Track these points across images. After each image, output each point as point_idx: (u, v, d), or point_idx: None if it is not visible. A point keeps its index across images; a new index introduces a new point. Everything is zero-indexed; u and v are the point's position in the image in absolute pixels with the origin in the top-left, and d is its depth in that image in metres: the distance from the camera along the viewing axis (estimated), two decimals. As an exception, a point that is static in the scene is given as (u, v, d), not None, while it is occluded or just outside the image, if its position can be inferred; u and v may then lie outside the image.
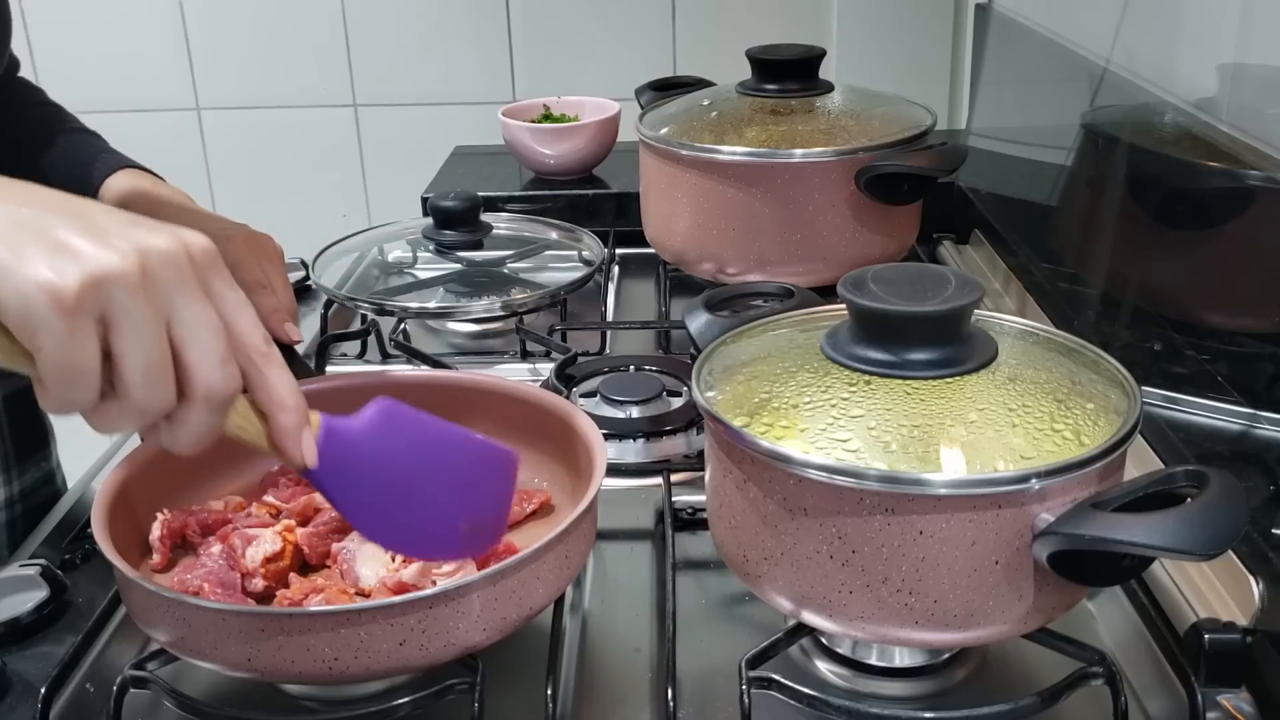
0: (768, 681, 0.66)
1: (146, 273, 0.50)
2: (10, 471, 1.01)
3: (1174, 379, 0.87)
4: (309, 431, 0.58)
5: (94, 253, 0.49)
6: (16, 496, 1.01)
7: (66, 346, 0.48)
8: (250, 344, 0.54)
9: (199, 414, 0.52)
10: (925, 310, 0.65)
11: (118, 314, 0.49)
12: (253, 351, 0.54)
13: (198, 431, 0.53)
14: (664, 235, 1.22)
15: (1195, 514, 0.56)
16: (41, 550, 0.83)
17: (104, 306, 0.49)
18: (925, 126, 1.15)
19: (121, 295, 0.49)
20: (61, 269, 0.48)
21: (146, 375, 0.50)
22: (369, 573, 0.71)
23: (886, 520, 0.61)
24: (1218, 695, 0.66)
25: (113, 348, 0.49)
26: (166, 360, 0.51)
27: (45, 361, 0.48)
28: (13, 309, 0.48)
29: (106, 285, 0.48)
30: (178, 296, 0.51)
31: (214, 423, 0.53)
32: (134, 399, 0.50)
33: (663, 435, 0.94)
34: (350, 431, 0.61)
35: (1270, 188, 0.82)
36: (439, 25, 1.89)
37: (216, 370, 0.52)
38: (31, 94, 1.07)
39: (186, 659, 0.65)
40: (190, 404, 0.52)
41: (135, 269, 0.49)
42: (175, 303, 0.51)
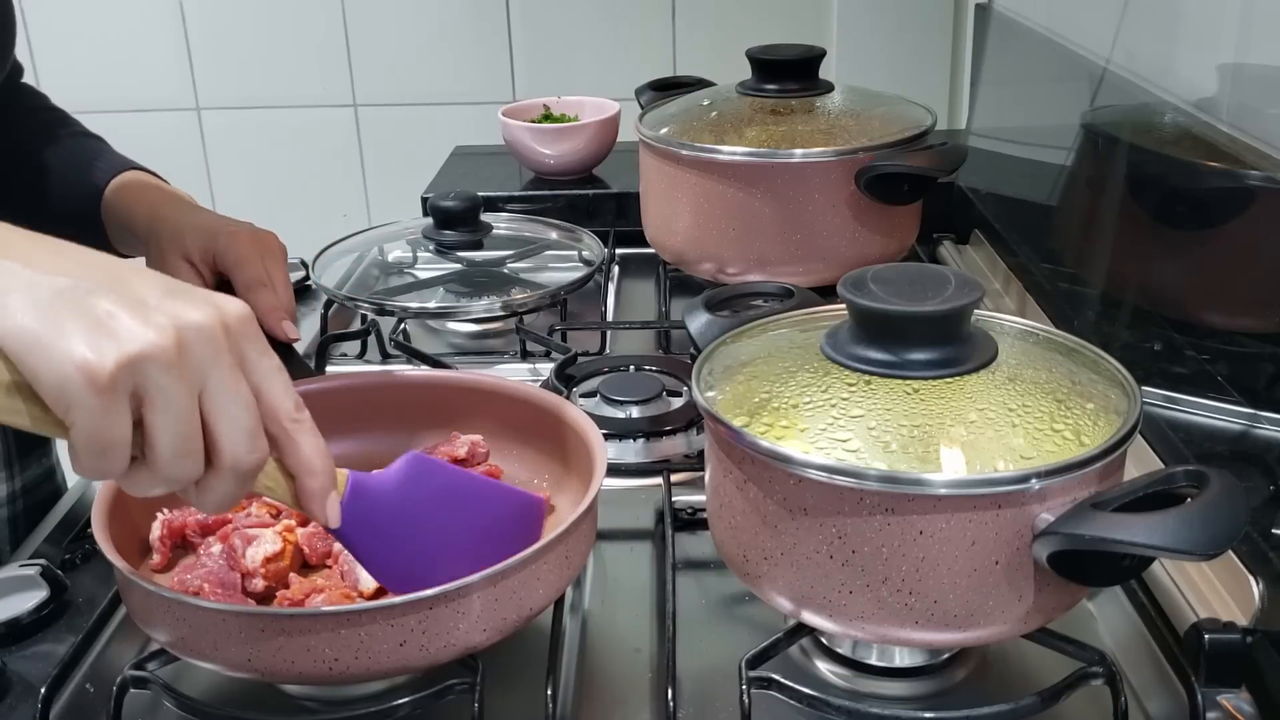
0: (768, 681, 0.66)
1: (183, 349, 0.50)
2: (12, 468, 1.01)
3: (1174, 379, 0.87)
4: (334, 495, 0.59)
5: (132, 331, 0.49)
6: (18, 492, 1.01)
7: (99, 422, 0.49)
8: (282, 412, 0.55)
9: (225, 482, 0.54)
10: (925, 310, 0.65)
11: (152, 390, 0.50)
12: (284, 419, 0.55)
13: (225, 495, 0.54)
14: (664, 235, 1.22)
15: (1195, 514, 0.56)
16: (42, 550, 0.83)
17: (138, 383, 0.49)
18: (925, 126, 1.15)
19: (156, 372, 0.49)
20: (99, 347, 0.48)
21: (176, 449, 0.51)
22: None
23: (886, 520, 0.61)
24: (1218, 695, 0.66)
25: (145, 420, 0.50)
26: (197, 434, 0.52)
27: (78, 435, 0.49)
28: (48, 385, 0.48)
29: (142, 364, 0.49)
30: (212, 371, 0.52)
31: (241, 489, 0.55)
32: (163, 469, 0.51)
33: (663, 435, 0.94)
34: (377, 488, 0.63)
35: (1270, 188, 0.82)
36: (439, 25, 1.90)
37: (244, 444, 0.53)
38: (35, 99, 1.08)
39: (187, 659, 0.65)
40: (217, 473, 0.53)
41: (172, 346, 0.50)
42: (209, 377, 0.52)
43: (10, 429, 1.00)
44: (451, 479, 0.69)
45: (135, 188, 0.98)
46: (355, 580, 0.71)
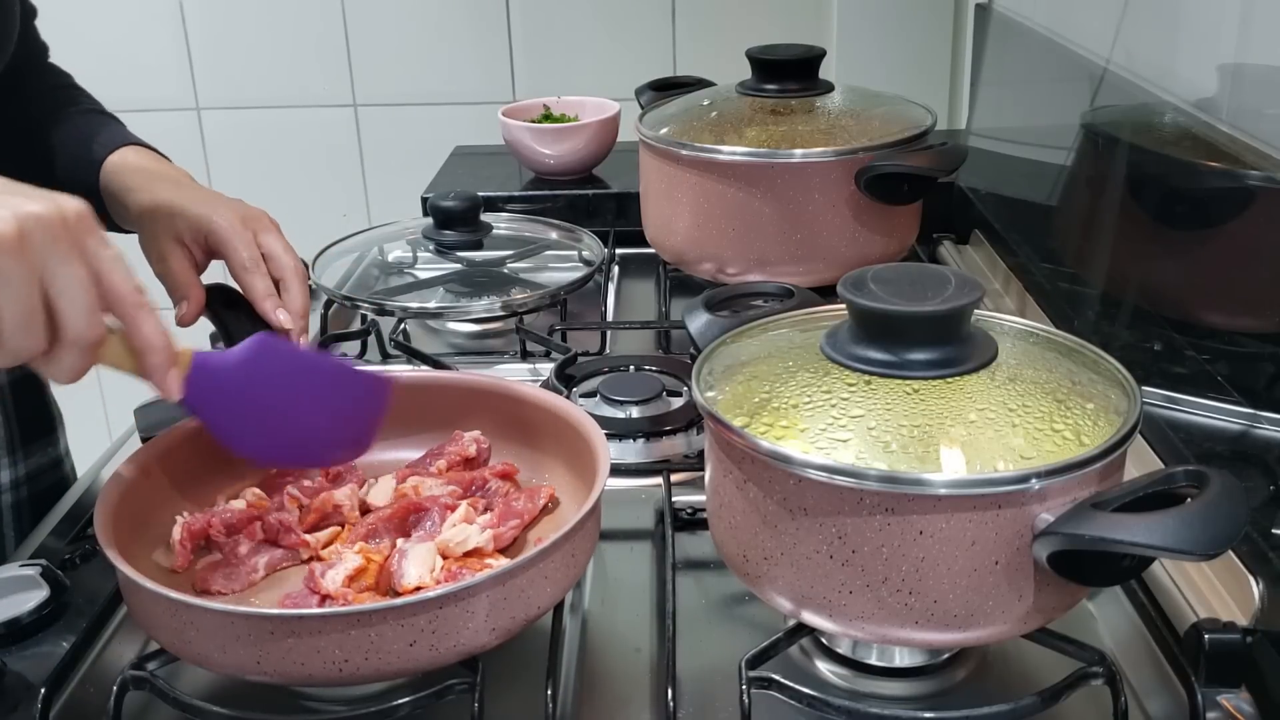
0: (768, 681, 0.66)
1: (23, 236, 0.57)
2: (15, 454, 1.01)
3: (1174, 379, 0.88)
4: (175, 370, 0.67)
5: None
6: (22, 479, 1.02)
7: None
8: (122, 294, 0.62)
9: (70, 355, 0.61)
10: (925, 310, 0.65)
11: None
12: (125, 301, 0.63)
13: (71, 367, 0.62)
14: (664, 235, 1.22)
15: (1195, 514, 0.56)
16: (43, 549, 0.83)
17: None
18: (925, 126, 1.15)
19: None
20: None
21: (19, 323, 0.58)
22: (414, 573, 0.70)
23: (886, 520, 0.61)
24: (1218, 695, 0.66)
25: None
26: (38, 310, 0.59)
27: None
28: None
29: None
30: (51, 255, 0.59)
31: (85, 361, 0.62)
32: (9, 344, 0.59)
33: (663, 435, 0.94)
34: (220, 365, 0.71)
35: (1270, 188, 0.82)
36: (439, 25, 1.89)
37: (83, 320, 0.60)
38: (56, 78, 1.07)
39: (193, 664, 0.65)
40: (62, 346, 0.61)
41: (13, 233, 0.57)
42: (49, 260, 0.59)
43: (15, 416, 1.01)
44: (295, 358, 0.77)
45: (132, 165, 0.98)
46: (400, 577, 0.70)
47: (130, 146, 0.99)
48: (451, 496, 0.79)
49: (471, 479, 0.81)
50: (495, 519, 0.76)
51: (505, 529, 0.76)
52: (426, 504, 0.77)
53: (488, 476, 0.81)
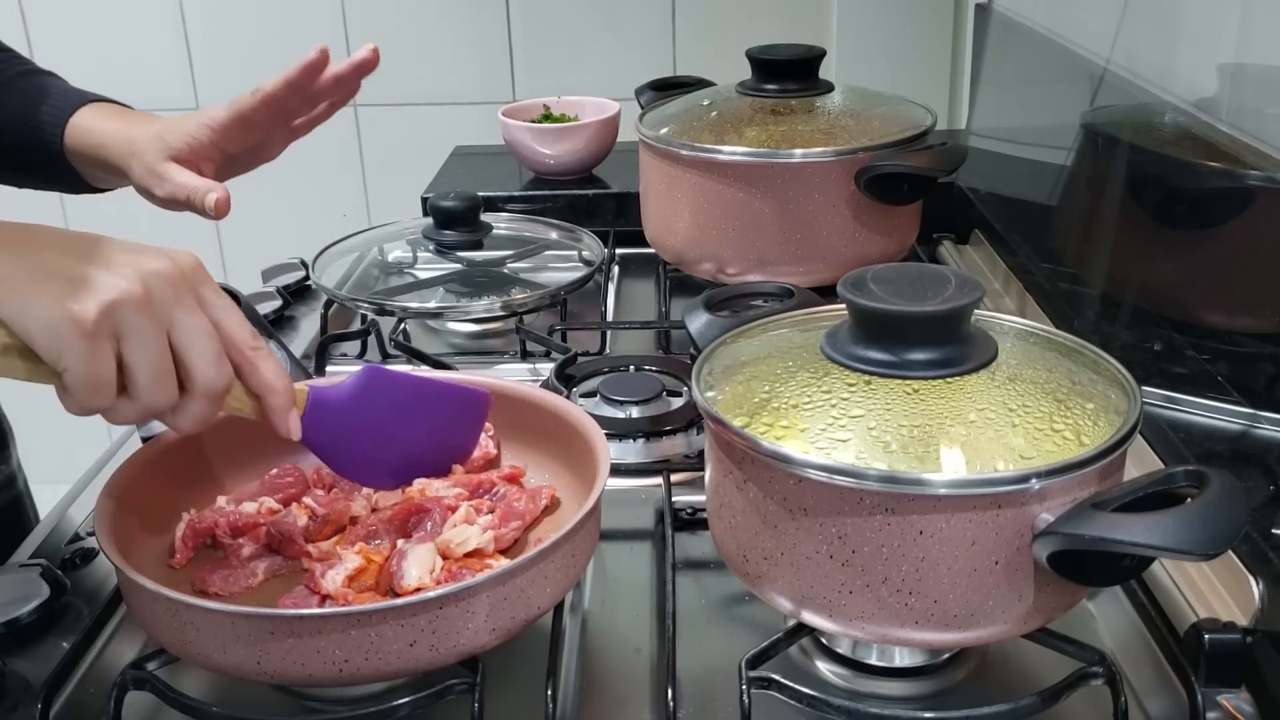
0: (768, 681, 0.66)
1: (149, 293, 0.59)
2: None
3: (1174, 379, 0.88)
4: (295, 412, 0.68)
5: (105, 283, 0.58)
6: None
7: (89, 365, 0.58)
8: (241, 341, 0.64)
9: (199, 405, 0.63)
10: (925, 310, 0.65)
11: (128, 331, 0.59)
12: (244, 347, 0.65)
13: (199, 417, 0.63)
14: (664, 235, 1.22)
15: (1195, 514, 0.56)
16: (42, 549, 0.83)
17: (116, 326, 0.58)
18: (925, 126, 1.15)
19: (130, 315, 0.58)
20: (81, 300, 0.57)
21: (153, 378, 0.60)
22: (414, 573, 0.70)
23: (886, 520, 0.61)
24: (1218, 695, 0.66)
25: (124, 359, 0.59)
26: (169, 366, 0.61)
27: (72, 378, 0.58)
28: (41, 339, 0.57)
29: (118, 309, 0.58)
30: (176, 310, 0.61)
31: (213, 410, 0.64)
32: (143, 399, 0.60)
33: (663, 435, 0.94)
34: (335, 399, 0.73)
35: (1270, 188, 0.82)
36: (439, 25, 1.90)
37: (213, 370, 0.62)
38: None
39: (192, 664, 0.65)
40: (191, 397, 0.62)
41: (141, 291, 0.59)
42: (175, 315, 0.61)
43: None
44: (401, 387, 0.78)
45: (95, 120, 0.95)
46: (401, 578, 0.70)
47: (87, 106, 0.96)
48: (457, 499, 0.79)
49: (479, 481, 0.81)
50: (496, 520, 0.76)
51: (506, 530, 0.76)
52: (428, 505, 0.77)
53: (495, 480, 0.81)
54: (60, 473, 1.11)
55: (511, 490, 0.80)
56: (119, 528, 0.69)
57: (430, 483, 0.80)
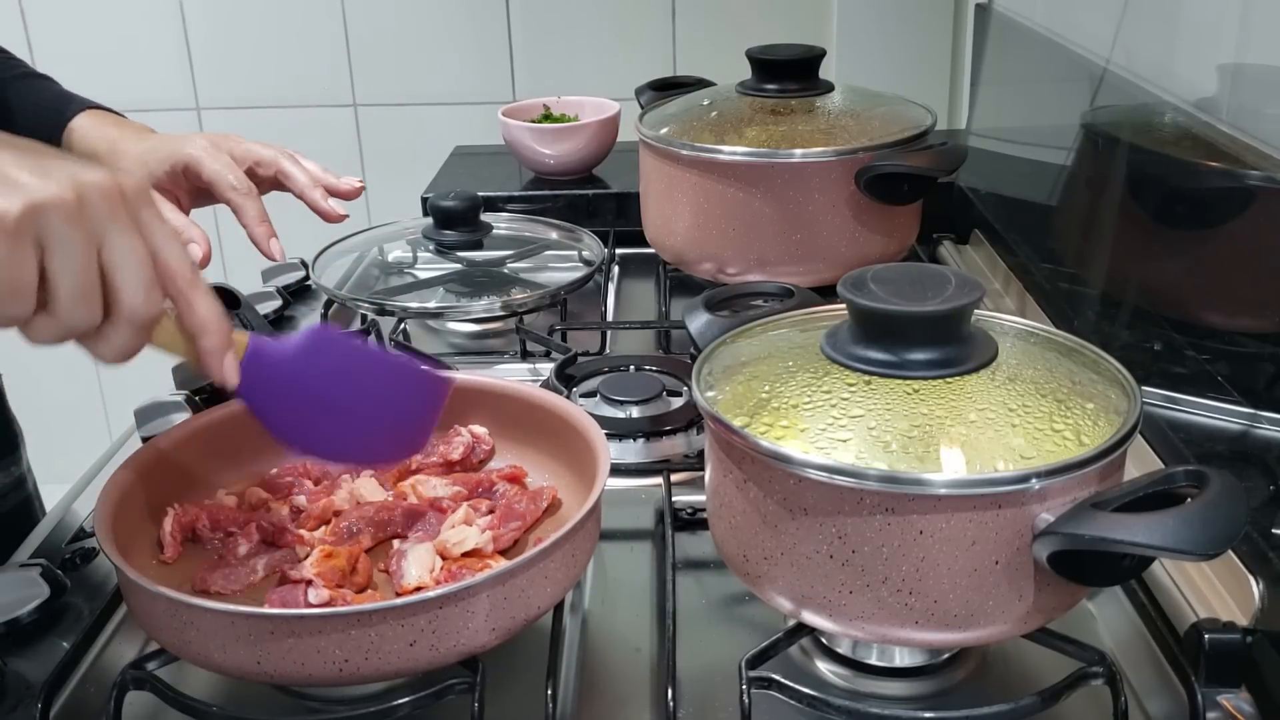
0: (768, 681, 0.66)
1: (82, 202, 0.55)
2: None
3: (1174, 379, 0.88)
4: (231, 354, 0.64)
5: (34, 184, 0.54)
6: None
7: (7, 265, 0.54)
8: (177, 272, 0.60)
9: (123, 332, 0.58)
10: (925, 310, 0.65)
11: (53, 238, 0.55)
12: (180, 280, 0.60)
13: (122, 346, 0.59)
14: (664, 235, 1.22)
15: (1195, 514, 0.56)
16: (42, 549, 0.83)
17: (41, 231, 0.54)
18: (925, 126, 1.15)
19: (57, 222, 0.54)
20: (6, 197, 0.53)
21: (75, 294, 0.56)
22: (415, 573, 0.71)
23: (886, 520, 0.61)
24: (1218, 695, 0.66)
25: (47, 268, 0.55)
26: (95, 282, 0.56)
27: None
28: None
29: (45, 212, 0.54)
30: (109, 226, 0.56)
31: (138, 341, 0.59)
32: (63, 315, 0.56)
33: (663, 435, 0.94)
34: (277, 355, 0.68)
35: (1270, 188, 0.82)
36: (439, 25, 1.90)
37: (140, 294, 0.58)
38: None
39: (192, 664, 0.65)
40: (115, 323, 0.58)
41: (72, 199, 0.55)
42: (107, 231, 0.56)
43: None
44: (351, 353, 0.72)
45: (94, 129, 0.98)
46: (400, 577, 0.71)
47: (85, 112, 0.99)
48: (456, 498, 0.79)
49: (478, 481, 0.81)
50: (496, 520, 0.76)
51: (506, 530, 0.76)
52: (421, 506, 0.78)
53: (494, 479, 0.81)
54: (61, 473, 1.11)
55: (512, 490, 0.80)
56: (119, 528, 0.69)
57: (428, 481, 0.80)
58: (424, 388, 0.75)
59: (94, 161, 0.94)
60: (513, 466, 0.83)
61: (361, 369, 0.72)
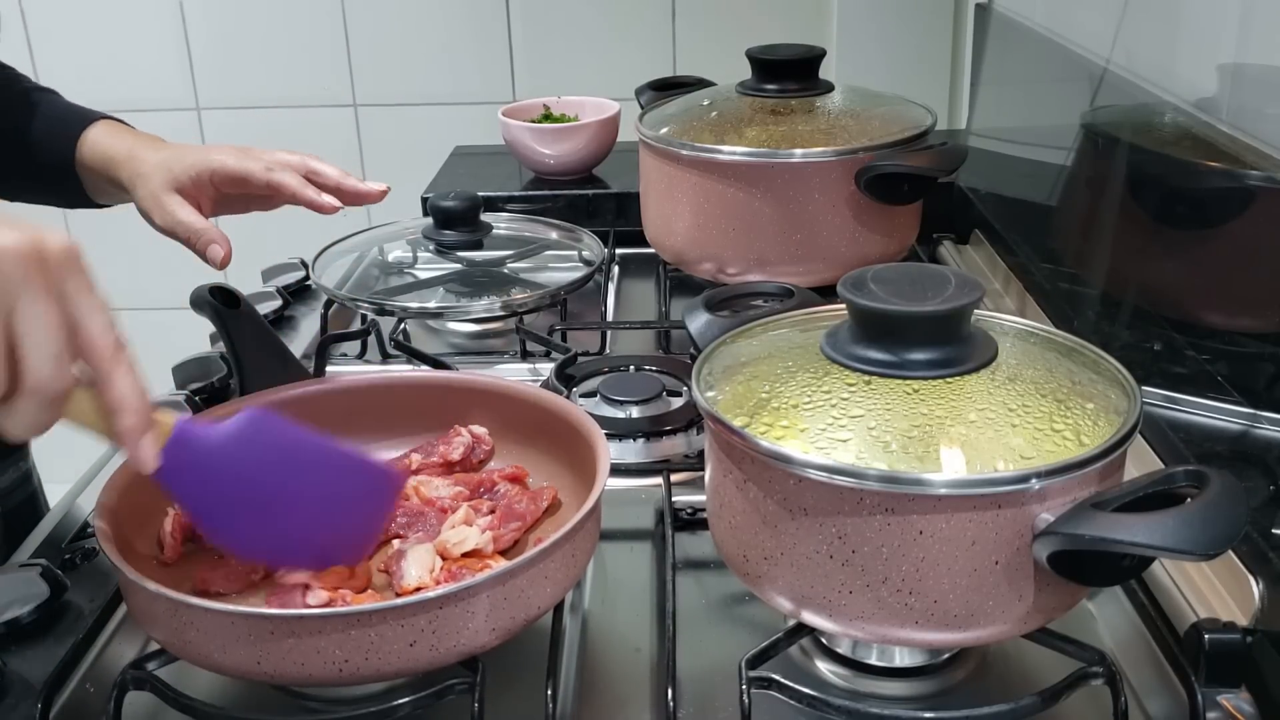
0: (768, 681, 0.66)
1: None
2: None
3: (1174, 379, 0.87)
4: (150, 436, 0.59)
5: None
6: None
7: None
8: (98, 344, 0.56)
9: (29, 405, 0.55)
10: (925, 310, 0.65)
11: None
12: (99, 352, 0.56)
13: (30, 420, 0.55)
14: (664, 235, 1.22)
15: (1195, 514, 0.56)
16: (42, 549, 0.83)
17: None
18: (925, 126, 1.15)
19: None
20: None
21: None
22: (415, 573, 0.71)
23: (886, 520, 0.61)
24: (1218, 695, 0.66)
25: None
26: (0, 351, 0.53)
27: None
28: None
29: None
30: (22, 294, 0.53)
31: (47, 415, 0.56)
32: None
33: (663, 435, 0.94)
34: (206, 438, 0.63)
35: (1270, 188, 0.82)
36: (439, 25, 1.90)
37: (46, 367, 0.54)
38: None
39: (193, 664, 0.65)
40: (22, 395, 0.54)
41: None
42: (18, 300, 0.53)
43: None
44: (292, 442, 0.67)
45: (109, 139, 0.98)
46: (400, 578, 0.71)
47: (99, 122, 0.99)
48: (457, 498, 0.79)
49: (479, 481, 0.81)
50: (496, 521, 0.76)
51: (506, 531, 0.76)
52: (421, 507, 0.77)
53: (496, 479, 0.81)
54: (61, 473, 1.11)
55: (513, 491, 0.80)
56: (119, 528, 0.69)
57: (429, 481, 0.80)
58: (373, 483, 0.70)
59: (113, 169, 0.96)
60: (514, 466, 0.83)
61: (302, 459, 0.67)
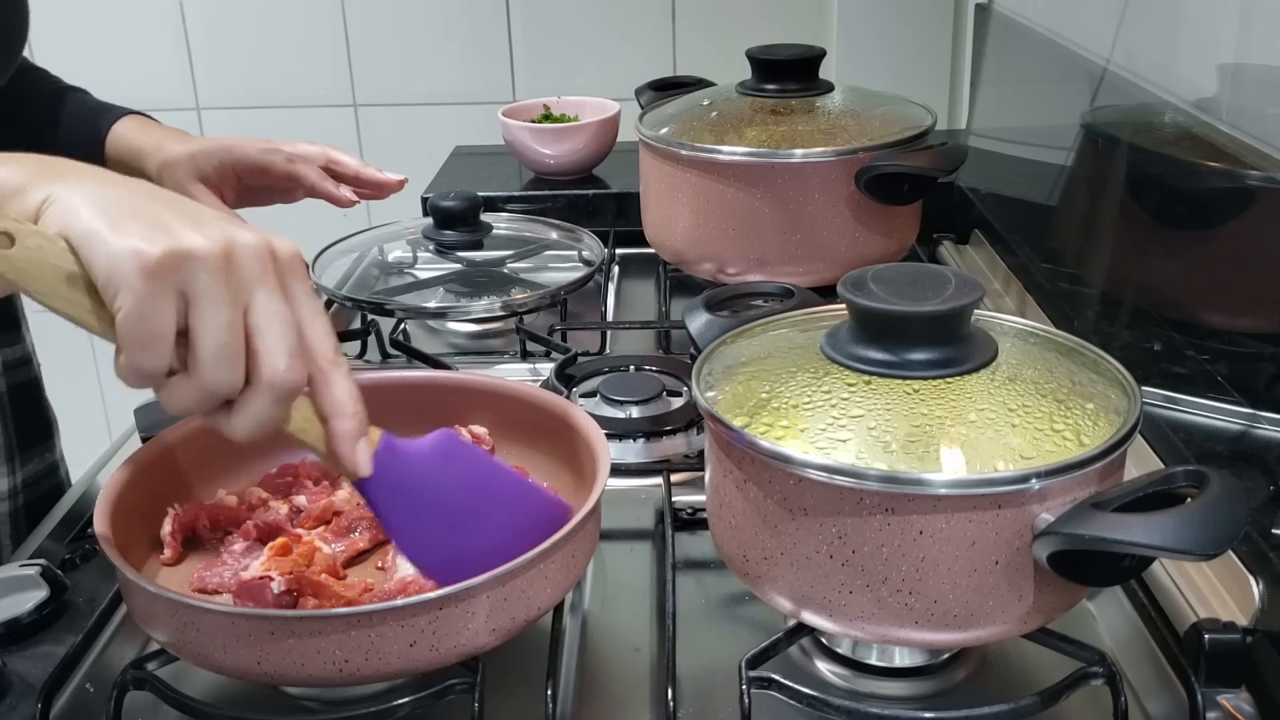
0: (768, 681, 0.66)
1: (230, 259, 0.54)
2: (13, 462, 1.01)
3: (1174, 379, 0.87)
4: (365, 441, 0.60)
5: (185, 232, 0.53)
6: (19, 487, 1.02)
7: (144, 308, 0.52)
8: (320, 349, 0.58)
9: (261, 402, 0.55)
10: (925, 310, 0.65)
11: (198, 291, 0.53)
12: (321, 356, 0.58)
13: (258, 419, 0.56)
14: (664, 235, 1.22)
15: (1195, 514, 0.56)
16: (42, 549, 0.83)
17: (185, 281, 0.53)
18: (925, 126, 1.15)
19: (203, 274, 0.53)
20: (152, 240, 0.52)
21: (217, 354, 0.53)
22: (407, 567, 0.71)
23: (886, 520, 0.61)
24: (1218, 695, 0.66)
25: (189, 323, 0.53)
26: (238, 343, 0.54)
27: (123, 322, 0.52)
28: (100, 269, 0.52)
29: (190, 261, 0.52)
30: (258, 288, 0.55)
31: (275, 414, 0.56)
32: (203, 375, 0.54)
33: (663, 435, 0.94)
34: (410, 451, 0.64)
35: (1270, 188, 0.82)
36: (439, 25, 1.89)
37: (283, 361, 0.55)
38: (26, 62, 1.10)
39: (193, 664, 0.65)
40: (254, 391, 0.55)
41: (220, 253, 0.53)
42: (255, 293, 0.55)
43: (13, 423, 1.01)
44: (484, 465, 0.69)
45: (133, 130, 1.03)
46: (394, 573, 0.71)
47: (125, 118, 1.04)
48: None
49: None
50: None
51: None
52: None
53: None
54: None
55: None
56: (119, 528, 0.69)
57: None
58: (548, 513, 0.70)
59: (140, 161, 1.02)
60: (514, 466, 0.82)
61: (490, 483, 0.68)
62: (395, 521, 0.64)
